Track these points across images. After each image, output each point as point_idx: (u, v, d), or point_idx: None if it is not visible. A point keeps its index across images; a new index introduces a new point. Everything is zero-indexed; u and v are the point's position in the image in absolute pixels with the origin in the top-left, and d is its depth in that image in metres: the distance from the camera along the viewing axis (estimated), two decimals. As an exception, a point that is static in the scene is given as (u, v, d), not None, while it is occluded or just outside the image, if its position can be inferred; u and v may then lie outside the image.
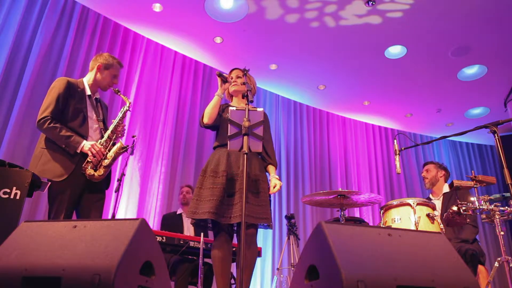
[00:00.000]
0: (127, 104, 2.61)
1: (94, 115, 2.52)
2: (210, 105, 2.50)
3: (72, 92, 2.43)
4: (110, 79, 2.59)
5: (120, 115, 2.56)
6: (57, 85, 2.41)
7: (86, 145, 2.34)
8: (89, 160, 2.35)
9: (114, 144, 2.48)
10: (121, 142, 2.49)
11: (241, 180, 2.28)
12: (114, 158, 2.44)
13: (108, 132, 2.49)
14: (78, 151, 2.33)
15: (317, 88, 6.29)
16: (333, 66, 5.71)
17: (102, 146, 2.40)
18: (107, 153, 2.42)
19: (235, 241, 2.50)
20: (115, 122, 2.53)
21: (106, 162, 2.40)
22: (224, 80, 2.50)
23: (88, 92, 2.53)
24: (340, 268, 1.17)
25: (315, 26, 4.90)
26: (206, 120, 2.50)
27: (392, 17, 4.70)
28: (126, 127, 2.57)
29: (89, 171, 2.35)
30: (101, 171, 2.38)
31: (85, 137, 2.41)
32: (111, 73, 2.58)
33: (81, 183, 2.36)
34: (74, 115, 2.41)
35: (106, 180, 2.52)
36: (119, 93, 2.60)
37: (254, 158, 2.45)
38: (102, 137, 2.48)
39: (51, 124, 2.30)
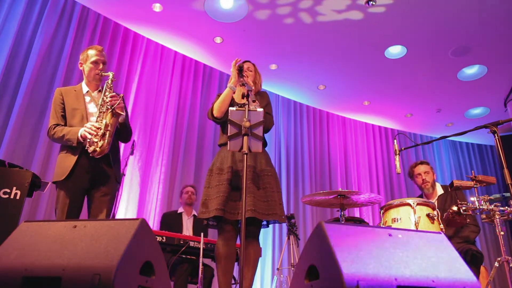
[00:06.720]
0: (110, 76, 2.53)
1: (96, 109, 2.52)
2: (221, 97, 2.41)
3: (65, 97, 2.53)
4: (94, 68, 2.57)
5: (105, 88, 2.51)
6: (54, 97, 2.57)
7: (81, 130, 2.35)
8: (88, 139, 2.32)
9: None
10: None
11: (247, 176, 2.18)
12: (112, 125, 2.38)
13: (97, 110, 2.45)
14: (81, 139, 2.34)
15: (317, 88, 6.29)
16: (333, 66, 5.71)
17: (95, 123, 2.38)
18: (101, 126, 2.37)
19: (237, 241, 2.48)
20: (101, 98, 2.47)
21: (100, 131, 2.34)
22: (240, 74, 2.39)
23: (85, 90, 2.58)
24: (340, 268, 1.17)
25: (315, 26, 4.90)
26: (216, 113, 2.42)
27: (392, 16, 4.70)
28: (118, 98, 2.42)
29: (90, 149, 2.32)
30: (98, 144, 2.32)
31: None
32: (91, 63, 2.56)
33: (84, 180, 2.38)
34: (72, 116, 2.49)
35: (115, 175, 2.50)
36: (102, 75, 2.55)
37: (260, 152, 2.35)
38: None
39: (52, 131, 2.45)
